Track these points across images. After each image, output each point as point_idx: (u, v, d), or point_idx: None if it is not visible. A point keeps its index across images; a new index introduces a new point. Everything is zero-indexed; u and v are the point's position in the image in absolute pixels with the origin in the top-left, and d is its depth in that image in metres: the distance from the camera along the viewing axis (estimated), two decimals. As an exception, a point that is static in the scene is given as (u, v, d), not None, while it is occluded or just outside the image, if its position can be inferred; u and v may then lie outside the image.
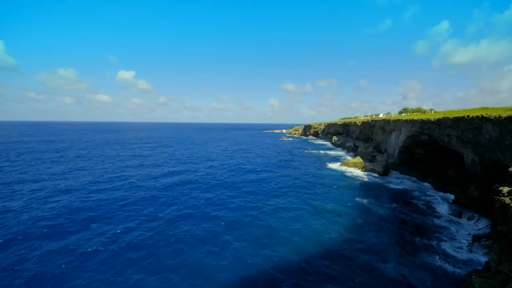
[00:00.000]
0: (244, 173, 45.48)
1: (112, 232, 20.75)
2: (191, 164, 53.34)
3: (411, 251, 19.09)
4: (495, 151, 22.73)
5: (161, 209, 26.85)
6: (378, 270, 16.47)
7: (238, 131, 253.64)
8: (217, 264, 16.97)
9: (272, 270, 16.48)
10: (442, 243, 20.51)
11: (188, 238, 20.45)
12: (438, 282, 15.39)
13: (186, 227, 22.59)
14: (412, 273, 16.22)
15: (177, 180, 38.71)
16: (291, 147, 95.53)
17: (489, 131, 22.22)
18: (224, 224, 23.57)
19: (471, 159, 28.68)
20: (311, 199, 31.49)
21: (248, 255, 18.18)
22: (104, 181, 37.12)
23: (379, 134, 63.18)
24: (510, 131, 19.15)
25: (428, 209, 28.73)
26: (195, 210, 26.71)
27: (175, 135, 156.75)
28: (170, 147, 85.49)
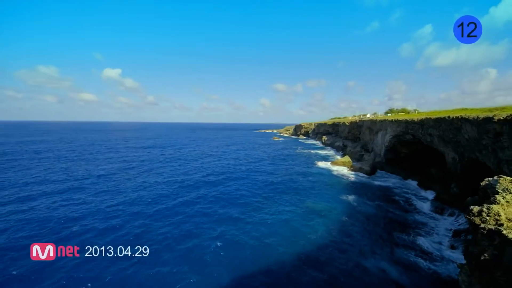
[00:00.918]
0: (234, 172, 44.97)
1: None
2: (176, 164, 52.06)
3: (392, 247, 19.62)
4: (474, 150, 23.74)
5: (137, 213, 25.79)
6: (360, 266, 16.88)
7: (230, 131, 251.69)
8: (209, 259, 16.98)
9: (259, 267, 16.57)
10: (423, 239, 21.17)
11: (173, 235, 20.17)
12: (418, 277, 15.83)
13: (175, 223, 22.40)
14: (392, 268, 16.68)
15: (164, 181, 37.53)
16: (282, 147, 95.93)
17: (468, 131, 23.16)
18: (215, 219, 24.03)
19: (452, 157, 29.88)
20: (300, 198, 31.71)
21: (236, 254, 18.17)
22: (80, 187, 35.24)
23: (366, 134, 64.76)
24: (487, 131, 20.01)
25: (411, 206, 29.66)
26: (184, 208, 26.19)
27: (162, 135, 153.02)
28: (156, 148, 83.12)
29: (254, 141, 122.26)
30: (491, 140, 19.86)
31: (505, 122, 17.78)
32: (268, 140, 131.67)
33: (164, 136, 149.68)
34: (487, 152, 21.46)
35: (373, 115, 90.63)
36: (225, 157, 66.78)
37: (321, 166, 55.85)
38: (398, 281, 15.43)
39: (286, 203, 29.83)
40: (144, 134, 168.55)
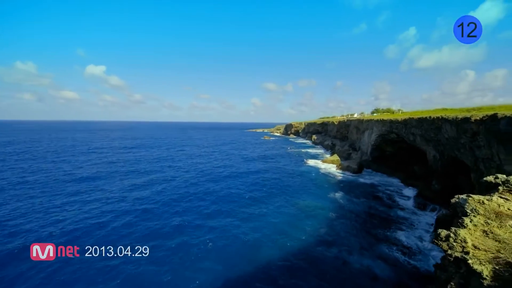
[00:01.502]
0: (224, 172, 44.44)
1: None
2: (164, 165, 50.68)
3: (376, 243, 20.21)
4: (453, 148, 24.85)
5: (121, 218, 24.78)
6: (344, 262, 17.34)
7: (221, 130, 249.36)
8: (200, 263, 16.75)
9: (249, 263, 16.80)
10: (405, 234, 21.98)
11: (169, 234, 20.10)
12: (399, 272, 16.39)
13: (174, 217, 22.69)
14: (375, 264, 17.17)
15: (150, 180, 36.37)
16: (272, 146, 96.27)
17: (448, 131, 24.19)
18: (205, 215, 24.46)
19: (433, 155, 31.19)
20: (289, 197, 31.98)
21: (227, 246, 18.72)
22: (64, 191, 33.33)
23: (354, 133, 66.35)
24: (465, 131, 20.96)
25: (395, 202, 30.75)
26: (175, 207, 25.83)
27: (150, 135, 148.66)
28: (142, 148, 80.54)
29: (245, 141, 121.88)
30: (469, 139, 20.83)
31: (481, 122, 18.68)
32: (259, 139, 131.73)
33: (152, 135, 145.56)
34: (465, 151, 22.52)
35: (360, 115, 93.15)
36: (216, 157, 65.96)
37: (310, 164, 56.56)
38: (380, 276, 15.89)
39: (275, 202, 29.96)
40: (130, 134, 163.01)
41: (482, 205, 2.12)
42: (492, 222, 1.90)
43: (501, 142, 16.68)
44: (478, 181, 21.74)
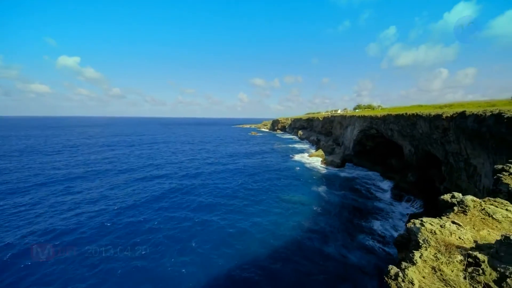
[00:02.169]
0: (211, 168, 43.64)
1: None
2: (150, 162, 48.60)
3: (354, 232, 21.24)
4: (426, 143, 26.42)
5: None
6: (324, 253, 18.06)
7: (207, 126, 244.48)
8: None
9: (235, 257, 17.10)
10: (380, 223, 23.29)
11: (153, 230, 18.95)
12: (373, 259, 17.36)
13: (157, 214, 21.78)
14: (352, 253, 18.08)
15: (137, 177, 34.62)
16: (259, 142, 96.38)
17: (422, 127, 25.60)
18: (191, 210, 24.22)
19: (408, 150, 33.00)
20: (275, 191, 32.40)
21: (214, 240, 18.64)
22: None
23: (337, 128, 68.31)
24: (437, 127, 22.26)
25: (373, 194, 32.42)
26: (159, 203, 24.56)
27: (131, 131, 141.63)
28: (120, 146, 76.56)
29: (232, 136, 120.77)
30: (440, 134, 22.18)
31: (451, 119, 19.90)
32: (247, 135, 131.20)
33: (134, 132, 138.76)
34: (437, 145, 24.02)
35: (343, 111, 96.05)
36: (202, 153, 64.55)
37: (296, 159, 57.49)
38: (356, 264, 16.76)
39: (261, 197, 30.15)
40: (110, 130, 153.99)
41: (433, 235, 2.08)
42: (441, 257, 1.85)
43: (468, 138, 17.91)
44: (448, 173, 23.43)
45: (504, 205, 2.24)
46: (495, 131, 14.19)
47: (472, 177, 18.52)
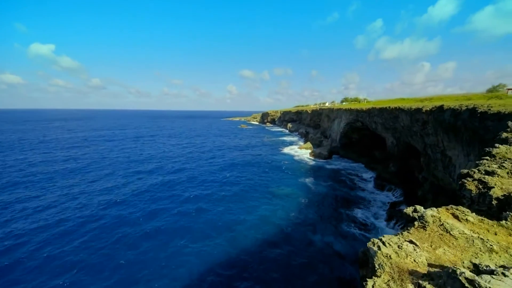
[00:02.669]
0: (200, 161, 43.04)
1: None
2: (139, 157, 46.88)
3: (338, 222, 22.21)
4: (407, 135, 27.64)
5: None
6: (310, 242, 18.84)
7: (195, 119, 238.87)
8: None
9: (225, 248, 17.52)
10: (363, 212, 24.51)
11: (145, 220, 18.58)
12: (355, 246, 18.36)
13: (147, 204, 21.19)
14: (336, 241, 18.99)
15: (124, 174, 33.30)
16: (249, 135, 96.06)
17: (403, 120, 26.63)
18: (179, 203, 23.60)
19: (391, 142, 34.44)
20: (264, 184, 32.84)
21: (206, 232, 19.14)
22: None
23: (325, 121, 69.56)
24: (417, 120, 23.25)
25: (357, 184, 33.79)
26: (147, 196, 23.95)
27: (112, 124, 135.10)
28: (100, 141, 73.02)
29: (222, 129, 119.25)
30: (420, 127, 23.22)
31: (430, 112, 20.81)
32: (236, 128, 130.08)
33: (117, 125, 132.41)
34: (417, 137, 25.21)
35: (331, 104, 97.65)
36: (190, 147, 63.24)
37: (285, 152, 58.13)
38: (339, 252, 17.66)
39: (250, 189, 30.45)
40: (90, 124, 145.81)
41: (389, 259, 2.07)
42: (393, 285, 1.85)
43: (445, 131, 18.89)
44: (426, 164, 24.80)
45: (465, 214, 2.24)
46: (469, 125, 15.03)
47: (447, 167, 19.73)
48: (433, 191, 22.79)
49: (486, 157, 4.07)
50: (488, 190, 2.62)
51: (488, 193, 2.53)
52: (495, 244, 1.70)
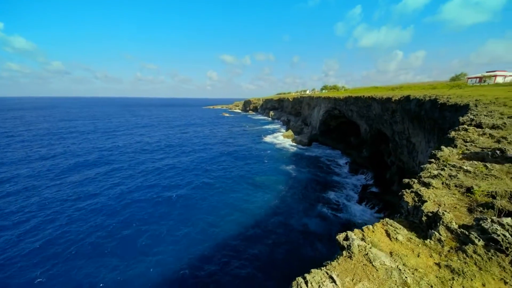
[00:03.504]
0: (181, 151, 41.77)
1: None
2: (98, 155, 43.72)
3: (314, 204, 23.82)
4: (379, 123, 29.62)
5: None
6: (288, 225, 20.13)
7: (174, 107, 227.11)
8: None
9: (207, 236, 17.93)
10: (337, 194, 26.55)
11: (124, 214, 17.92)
12: (328, 224, 20.17)
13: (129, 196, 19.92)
14: (311, 222, 20.55)
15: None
16: (231, 124, 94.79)
17: (375, 108, 28.33)
18: (155, 201, 23.29)
19: (364, 128, 36.70)
20: (246, 173, 33.28)
21: (186, 222, 19.11)
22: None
23: (306, 109, 71.08)
24: (387, 109, 24.91)
25: (333, 169, 36.05)
26: (126, 195, 22.98)
27: (75, 114, 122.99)
28: (66, 134, 66.62)
29: (203, 118, 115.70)
30: (389, 116, 24.98)
31: (398, 102, 22.38)
32: (218, 116, 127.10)
33: (85, 115, 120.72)
34: (387, 125, 27.16)
35: (312, 91, 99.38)
36: (169, 136, 60.63)
37: (267, 141, 58.85)
38: (314, 231, 19.20)
39: (233, 179, 30.74)
40: (54, 114, 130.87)
41: None
42: None
43: (410, 119, 20.58)
44: (394, 149, 27.12)
45: (397, 232, 2.53)
46: (431, 115, 16.55)
47: (411, 153, 21.81)
48: (399, 173, 25.27)
49: (432, 159, 4.58)
50: (421, 204, 2.97)
51: (420, 207, 2.86)
52: (410, 275, 1.94)
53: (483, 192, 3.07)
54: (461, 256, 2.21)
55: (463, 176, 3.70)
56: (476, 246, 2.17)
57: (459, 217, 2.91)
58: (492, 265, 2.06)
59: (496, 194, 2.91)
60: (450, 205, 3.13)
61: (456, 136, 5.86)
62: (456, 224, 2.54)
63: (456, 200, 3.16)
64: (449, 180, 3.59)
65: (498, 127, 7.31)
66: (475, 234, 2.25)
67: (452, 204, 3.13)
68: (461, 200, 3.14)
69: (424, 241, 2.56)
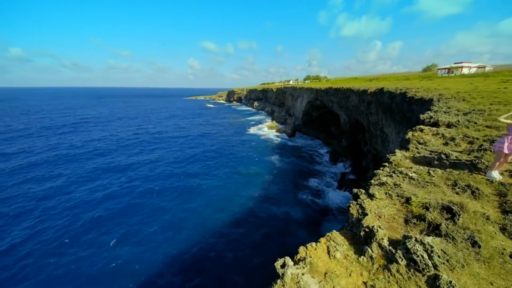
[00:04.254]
0: (162, 145, 40.29)
1: None
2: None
3: (296, 192, 25.03)
4: (356, 114, 30.74)
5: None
6: (272, 213, 21.09)
7: (153, 98, 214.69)
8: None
9: (194, 228, 18.37)
10: (317, 181, 28.09)
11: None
12: (308, 211, 21.46)
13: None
14: (294, 209, 21.72)
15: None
16: (215, 115, 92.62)
17: (353, 100, 29.22)
18: (139, 195, 22.83)
19: (344, 119, 37.95)
20: (231, 165, 33.43)
21: (175, 213, 19.41)
22: None
23: (289, 99, 71.40)
24: (363, 101, 25.82)
25: (315, 159, 37.55)
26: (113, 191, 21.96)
27: (40, 107, 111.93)
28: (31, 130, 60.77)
29: (185, 109, 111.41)
30: (365, 107, 25.96)
31: (373, 94, 23.23)
32: (201, 107, 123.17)
33: (52, 108, 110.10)
34: (363, 116, 28.29)
35: (295, 82, 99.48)
36: (149, 130, 57.87)
37: (252, 132, 58.77)
38: (296, 218, 20.37)
39: (217, 171, 30.79)
40: (15, 106, 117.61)
41: None
42: None
43: (383, 111, 21.59)
44: (369, 138, 28.50)
45: (336, 249, 2.61)
46: (400, 107, 17.44)
47: (384, 142, 23.11)
48: (374, 161, 26.85)
49: (386, 163, 4.81)
50: (363, 217, 3.09)
51: (361, 220, 2.97)
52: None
53: (418, 203, 3.31)
54: (386, 274, 2.37)
55: (406, 184, 3.94)
56: (399, 265, 2.35)
57: (396, 229, 3.11)
58: (411, 284, 2.24)
59: (429, 206, 3.15)
60: (390, 216, 3.33)
61: (411, 138, 6.21)
62: (387, 241, 2.71)
63: (395, 211, 3.37)
64: (393, 189, 3.80)
65: (453, 125, 7.89)
66: (400, 253, 2.42)
67: (392, 215, 3.33)
68: (400, 210, 3.36)
69: (359, 258, 2.68)
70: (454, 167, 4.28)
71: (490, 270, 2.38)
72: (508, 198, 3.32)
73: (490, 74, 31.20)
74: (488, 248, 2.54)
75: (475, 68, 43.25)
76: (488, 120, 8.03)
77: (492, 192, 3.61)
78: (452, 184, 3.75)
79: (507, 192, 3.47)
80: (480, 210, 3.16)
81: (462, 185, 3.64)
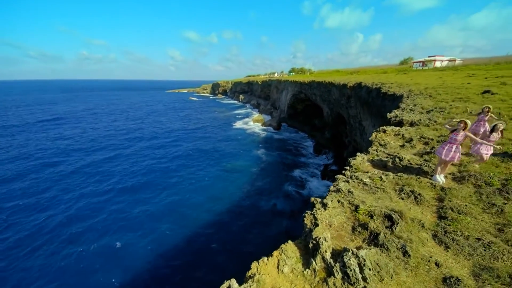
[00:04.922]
0: (143, 143, 38.72)
1: None
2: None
3: (281, 184, 25.78)
4: (338, 107, 31.56)
5: None
6: (259, 206, 21.62)
7: (132, 91, 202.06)
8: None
9: (178, 231, 18.24)
10: (301, 172, 29.06)
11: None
12: (292, 202, 22.32)
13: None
14: (279, 200, 22.46)
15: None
16: (200, 109, 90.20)
17: (334, 93, 29.87)
18: (124, 190, 22.78)
19: (326, 111, 38.83)
20: (217, 161, 33.29)
21: (159, 213, 19.26)
22: None
23: (274, 92, 71.28)
24: (343, 94, 26.50)
25: (299, 151, 38.56)
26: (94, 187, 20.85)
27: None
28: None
29: (167, 103, 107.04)
30: (346, 101, 26.69)
31: (353, 88, 23.89)
32: (185, 101, 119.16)
33: (15, 103, 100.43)
34: (344, 109, 29.12)
35: (280, 74, 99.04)
36: (129, 128, 55.17)
37: (238, 126, 58.32)
38: (282, 209, 21.13)
39: (203, 167, 30.59)
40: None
41: None
42: None
43: (361, 105, 22.35)
44: (349, 131, 29.55)
45: (285, 263, 2.70)
46: (376, 102, 18.16)
47: (362, 134, 24.12)
48: (354, 152, 28.03)
49: (347, 167, 5.03)
50: (314, 227, 3.22)
51: (312, 231, 3.10)
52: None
53: (365, 211, 3.53)
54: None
55: (359, 191, 4.17)
56: (335, 278, 2.52)
57: (343, 238, 3.30)
58: (343, 297, 2.43)
59: (373, 214, 3.38)
60: (340, 224, 3.52)
61: (374, 140, 6.53)
62: (330, 253, 2.86)
63: (345, 219, 3.57)
64: (346, 196, 4.00)
65: (415, 123, 8.37)
66: (337, 267, 2.59)
67: (341, 223, 3.52)
68: (349, 219, 3.57)
69: (304, 271, 2.81)
70: (406, 171, 4.60)
71: (416, 278, 2.63)
72: (445, 204, 3.66)
73: (459, 68, 33.27)
74: (416, 256, 2.79)
75: (447, 62, 45.91)
76: (447, 119, 8.64)
77: (433, 196, 3.95)
78: (399, 189, 4.05)
79: (445, 197, 3.81)
80: (418, 216, 3.46)
81: (407, 191, 3.94)
